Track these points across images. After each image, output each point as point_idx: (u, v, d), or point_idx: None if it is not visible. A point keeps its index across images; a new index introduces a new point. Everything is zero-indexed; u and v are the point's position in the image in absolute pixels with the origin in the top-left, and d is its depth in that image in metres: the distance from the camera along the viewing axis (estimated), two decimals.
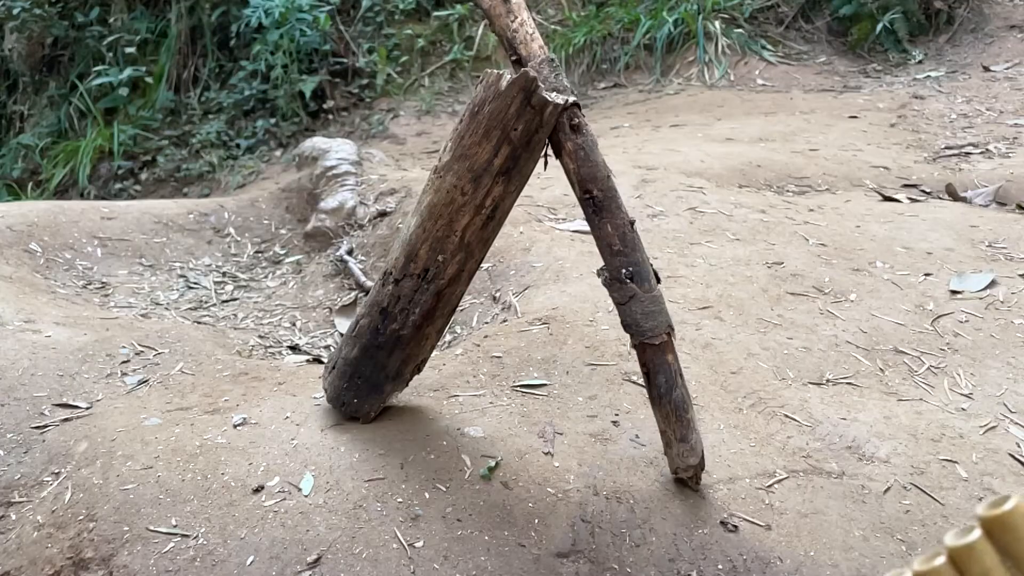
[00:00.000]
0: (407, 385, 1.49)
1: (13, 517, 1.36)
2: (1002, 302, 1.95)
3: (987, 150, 3.25)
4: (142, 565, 1.20)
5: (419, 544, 1.23)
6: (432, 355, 1.53)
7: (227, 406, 1.57)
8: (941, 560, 0.49)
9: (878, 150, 3.31)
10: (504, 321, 1.96)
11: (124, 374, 1.76)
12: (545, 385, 1.61)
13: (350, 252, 2.64)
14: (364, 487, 1.32)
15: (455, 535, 1.25)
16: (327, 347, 2.18)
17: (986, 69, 4.20)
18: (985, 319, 1.88)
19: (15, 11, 5.26)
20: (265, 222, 3.09)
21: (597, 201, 1.23)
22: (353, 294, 2.42)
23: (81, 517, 1.29)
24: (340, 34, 5.14)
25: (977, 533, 0.47)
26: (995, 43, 4.44)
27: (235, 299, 2.57)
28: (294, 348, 2.17)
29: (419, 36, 5.19)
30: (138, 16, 5.41)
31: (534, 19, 1.65)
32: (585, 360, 1.68)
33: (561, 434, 1.46)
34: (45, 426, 1.55)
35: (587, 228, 1.32)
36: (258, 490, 1.32)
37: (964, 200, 2.76)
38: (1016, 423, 1.54)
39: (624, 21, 4.93)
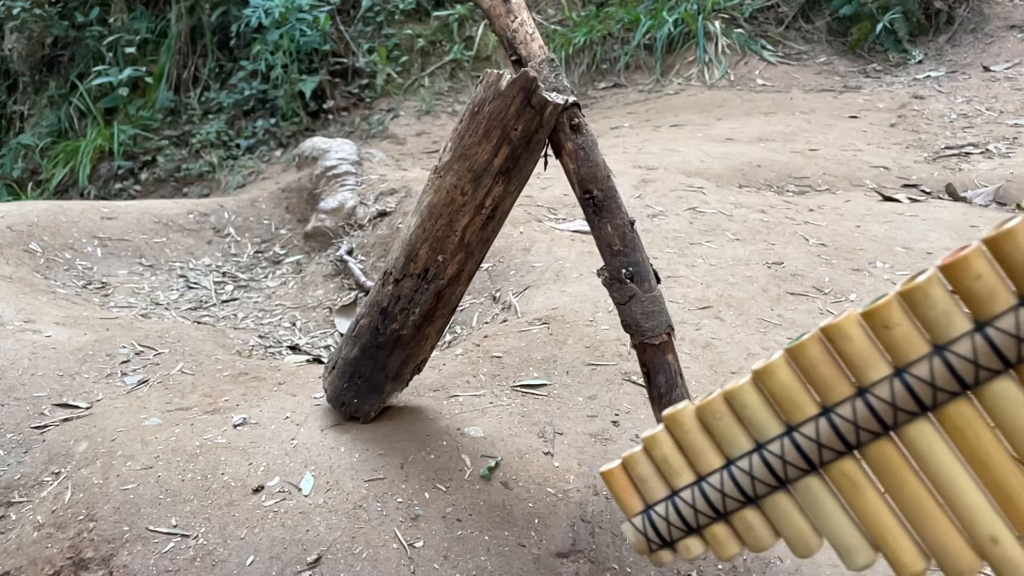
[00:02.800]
0: (407, 385, 1.49)
1: (13, 517, 1.36)
2: None
3: (987, 150, 3.25)
4: (142, 565, 1.20)
5: (419, 544, 1.23)
6: (432, 355, 1.53)
7: (227, 406, 1.57)
8: (638, 449, 0.62)
9: (878, 150, 3.31)
10: (504, 321, 1.96)
11: (124, 374, 1.76)
12: (545, 385, 1.61)
13: (350, 252, 2.64)
14: (364, 487, 1.32)
15: (455, 535, 1.25)
16: (327, 347, 2.18)
17: (986, 69, 4.20)
18: None
19: (15, 11, 5.26)
20: (265, 222, 3.09)
21: (597, 201, 1.23)
22: (353, 294, 2.42)
23: (81, 517, 1.29)
24: (340, 34, 5.14)
25: (661, 427, 0.61)
26: (995, 43, 4.44)
27: (235, 299, 2.57)
28: (294, 348, 2.17)
29: (419, 36, 5.19)
30: (138, 16, 5.41)
31: (534, 19, 1.65)
32: (585, 360, 1.68)
33: (561, 434, 1.46)
34: (45, 426, 1.55)
35: (587, 228, 1.32)
36: (258, 490, 1.32)
37: (964, 200, 2.76)
38: None
39: (624, 21, 4.93)
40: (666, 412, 0.60)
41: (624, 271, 1.23)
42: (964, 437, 0.47)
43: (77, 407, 1.61)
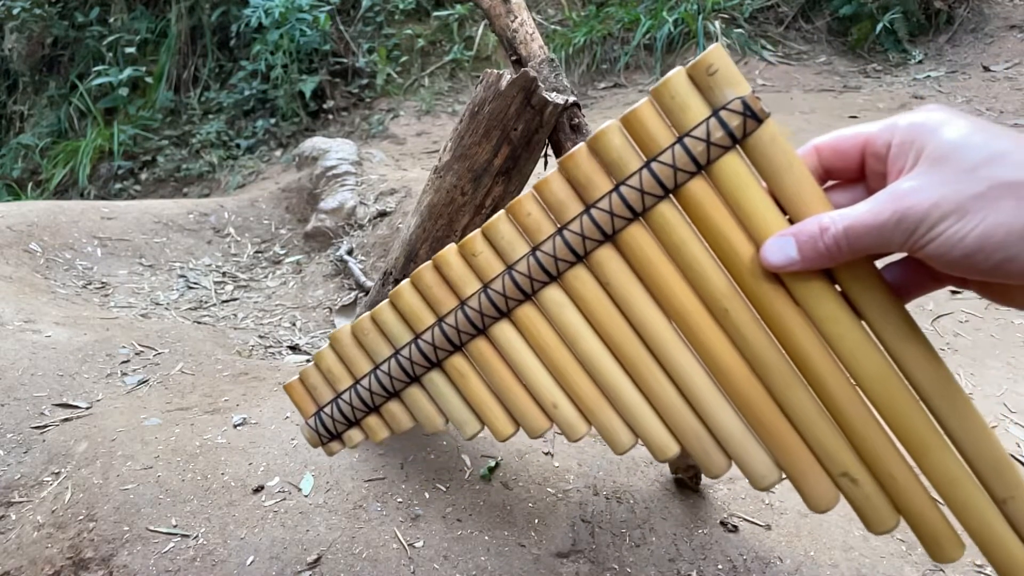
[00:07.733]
0: None
1: (13, 517, 1.36)
2: None
3: None
4: (142, 565, 1.20)
5: (419, 544, 1.23)
6: None
7: (227, 406, 1.57)
8: (311, 364, 0.75)
9: None
10: None
11: (124, 374, 1.76)
12: None
13: (350, 252, 2.64)
14: (364, 487, 1.32)
15: (455, 535, 1.25)
16: None
17: (986, 69, 4.20)
18: (985, 319, 1.88)
19: (15, 11, 5.27)
20: (265, 222, 3.09)
21: None
22: (353, 294, 2.42)
23: (81, 517, 1.29)
24: (340, 34, 5.14)
25: (327, 345, 0.74)
26: (995, 43, 4.44)
27: (235, 299, 2.57)
28: (294, 348, 2.17)
29: (419, 36, 5.19)
30: (138, 16, 5.41)
31: (534, 19, 1.65)
32: None
33: (561, 434, 1.46)
34: (45, 426, 1.55)
35: None
36: (258, 490, 1.32)
37: None
38: (1016, 423, 1.54)
39: (624, 21, 4.93)
40: (330, 333, 0.74)
41: None
42: (530, 332, 0.66)
43: (77, 407, 1.61)
